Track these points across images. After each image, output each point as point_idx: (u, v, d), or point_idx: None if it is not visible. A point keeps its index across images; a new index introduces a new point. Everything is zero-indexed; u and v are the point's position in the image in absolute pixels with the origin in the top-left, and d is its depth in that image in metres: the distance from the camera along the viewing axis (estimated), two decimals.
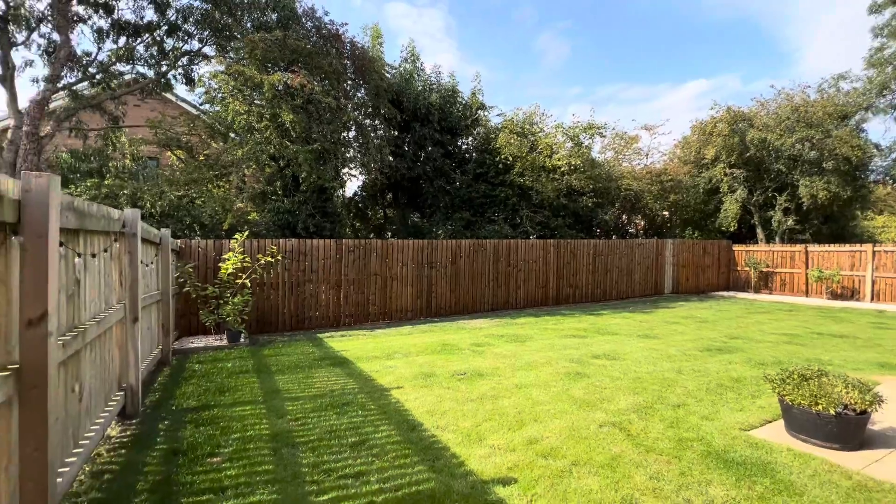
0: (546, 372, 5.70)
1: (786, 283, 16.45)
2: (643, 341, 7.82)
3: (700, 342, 7.74)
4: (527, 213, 14.24)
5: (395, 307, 10.70)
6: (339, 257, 10.02)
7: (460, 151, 15.84)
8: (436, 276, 11.27)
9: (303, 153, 10.34)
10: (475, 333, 8.83)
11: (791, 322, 10.25)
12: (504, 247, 12.36)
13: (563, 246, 13.43)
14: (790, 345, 7.54)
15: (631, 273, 15.18)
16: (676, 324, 9.93)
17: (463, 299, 11.69)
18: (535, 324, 10.06)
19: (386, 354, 6.94)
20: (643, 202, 17.74)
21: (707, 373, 5.60)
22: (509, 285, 12.47)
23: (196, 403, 4.68)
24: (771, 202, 18.63)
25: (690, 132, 19.96)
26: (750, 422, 3.92)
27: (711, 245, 17.60)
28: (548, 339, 8.14)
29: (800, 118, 16.44)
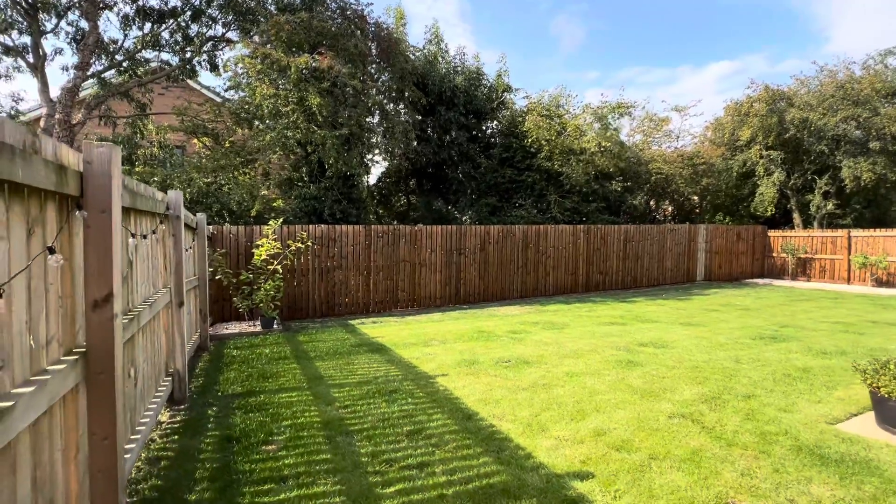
0: (595, 360, 5.46)
1: (826, 270, 15.76)
2: (687, 329, 7.50)
3: (748, 330, 7.39)
4: (555, 198, 13.87)
5: (423, 294, 10.55)
6: (367, 243, 9.89)
7: (485, 136, 15.48)
8: (464, 263, 11.07)
9: (330, 138, 10.16)
10: (509, 320, 8.62)
11: (839, 311, 9.75)
12: (533, 233, 12.06)
13: (592, 232, 13.05)
14: (847, 333, 7.13)
15: (662, 259, 14.72)
16: (716, 311, 9.55)
17: (492, 286, 11.47)
18: (567, 311, 9.79)
19: (423, 341, 6.79)
20: (673, 186, 17.14)
21: (768, 362, 5.29)
22: (538, 272, 12.19)
23: (241, 389, 4.59)
24: (809, 186, 17.79)
25: (724, 113, 19.13)
26: (834, 415, 3.64)
27: (746, 231, 16.95)
28: (585, 326, 7.89)
29: (845, 95, 15.55)
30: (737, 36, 48.15)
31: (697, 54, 51.58)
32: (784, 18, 45.95)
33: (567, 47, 57.42)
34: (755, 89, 17.57)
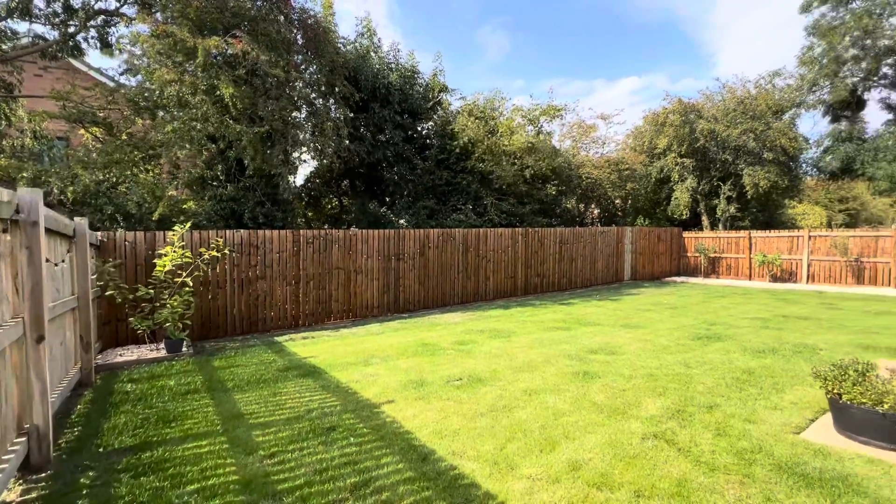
0: (550, 373, 5.15)
1: (731, 268, 17.32)
2: (630, 332, 7.55)
3: (684, 330, 7.61)
4: (492, 200, 13.74)
5: (360, 303, 9.78)
6: (296, 250, 8.92)
7: (422, 136, 14.99)
8: (403, 269, 10.46)
9: (247, 134, 9.02)
10: (452, 329, 8.17)
11: (752, 306, 10.56)
12: (473, 236, 11.77)
13: (531, 235, 13.09)
14: (768, 329, 7.60)
15: (594, 261, 15.21)
16: (649, 311, 9.88)
17: (432, 292, 10.98)
18: (510, 316, 9.58)
19: (362, 360, 6.09)
20: (601, 190, 17.90)
21: (714, 365, 5.33)
22: (479, 276, 11.92)
23: (132, 441, 3.62)
24: (716, 191, 19.55)
25: (643, 122, 20.44)
26: (795, 422, 3.59)
27: (665, 232, 18.15)
28: (532, 333, 7.66)
29: (744, 110, 17.24)
30: (643, 55, 52.76)
31: (610, 69, 55.70)
32: (680, 42, 51.22)
33: (493, 56, 59.08)
34: (670, 101, 18.96)
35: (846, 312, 9.46)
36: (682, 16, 49.70)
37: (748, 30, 48.81)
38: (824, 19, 18.04)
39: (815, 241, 15.28)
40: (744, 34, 49.25)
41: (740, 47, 52.63)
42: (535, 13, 47.23)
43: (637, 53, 52.96)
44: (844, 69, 17.64)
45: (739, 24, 49.66)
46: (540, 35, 50.11)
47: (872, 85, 17.69)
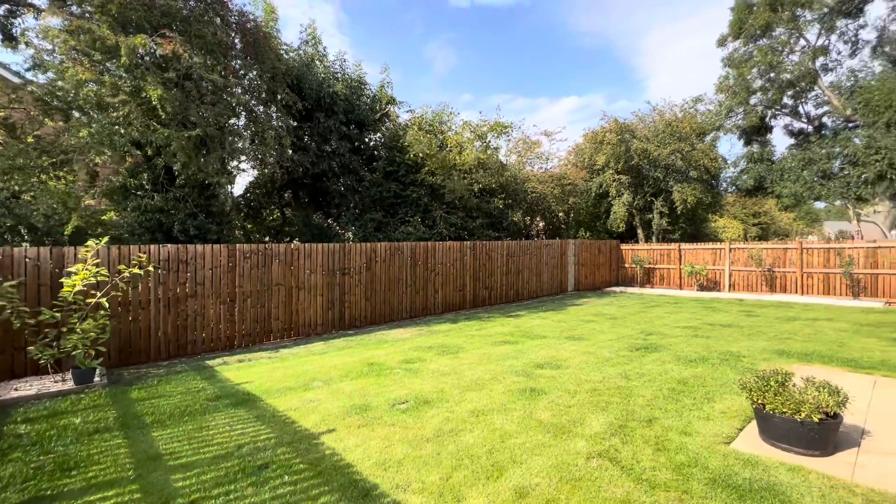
0: (497, 391, 5.11)
1: (664, 278, 18.48)
2: (574, 344, 7.74)
3: (624, 341, 7.92)
4: (441, 213, 13.75)
5: (302, 321, 9.31)
6: (231, 266, 8.34)
7: (369, 148, 14.76)
8: (349, 284, 10.12)
9: (177, 139, 8.37)
10: (400, 347, 7.97)
11: (683, 315, 11.27)
12: (422, 249, 11.67)
13: (478, 247, 13.20)
14: (698, 338, 8.09)
15: (540, 273, 15.62)
16: (592, 322, 10.23)
17: (379, 308, 10.71)
18: (459, 331, 9.53)
19: (302, 384, 5.74)
20: (545, 204, 18.52)
21: (651, 377, 5.55)
22: (427, 290, 11.81)
23: (18, 498, 3.10)
24: (649, 206, 20.88)
25: (583, 140, 21.49)
26: (725, 432, 3.77)
27: (605, 245, 19.06)
28: (480, 348, 7.64)
29: (672, 132, 18.63)
30: (582, 77, 56.06)
31: (552, 88, 58.68)
32: (616, 66, 55.13)
33: (441, 70, 60.29)
34: (607, 121, 20.10)
35: (762, 319, 10.33)
36: (617, 41, 53.47)
37: (675, 58, 53.48)
38: (737, 52, 20.03)
39: (734, 253, 16.68)
40: (671, 62, 53.80)
41: (668, 74, 57.51)
42: (480, 32, 48.85)
43: (577, 75, 56.32)
44: (754, 98, 19.63)
45: (667, 52, 54.34)
46: (485, 53, 51.89)
47: (777, 113, 19.80)
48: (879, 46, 17.85)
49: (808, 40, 18.48)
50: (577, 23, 52.63)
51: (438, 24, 49.68)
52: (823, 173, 17.41)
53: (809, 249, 15.13)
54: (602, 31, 53.35)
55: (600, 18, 51.48)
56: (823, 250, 14.86)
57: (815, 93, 18.94)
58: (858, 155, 16.32)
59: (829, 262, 14.69)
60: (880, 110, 15.98)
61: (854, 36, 18.42)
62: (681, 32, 50.94)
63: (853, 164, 16.70)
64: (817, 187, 17.42)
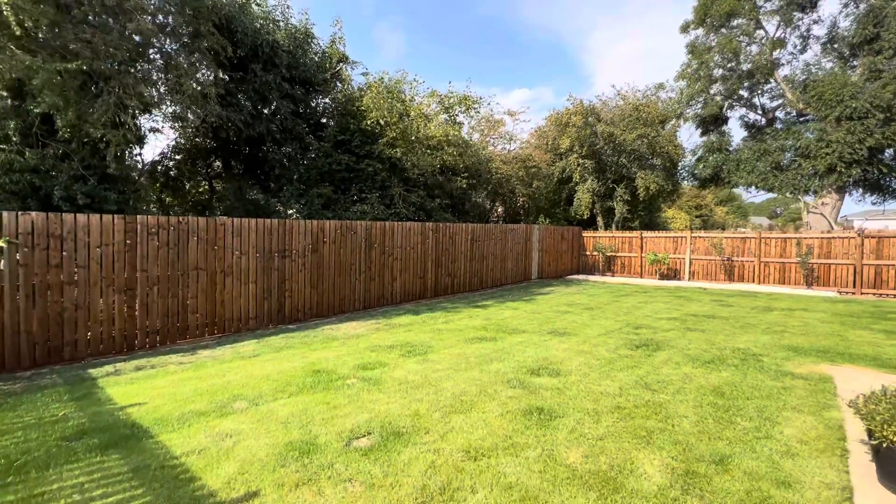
0: (494, 413, 3.81)
1: (625, 266, 18.12)
2: (561, 341, 6.63)
3: (615, 336, 6.93)
4: (399, 191, 12.19)
5: (230, 314, 7.50)
6: (130, 244, 6.38)
7: (317, 113, 12.81)
8: (291, 269, 8.39)
9: (45, 71, 6.17)
10: (354, 346, 6.47)
11: (658, 304, 10.60)
12: (378, 230, 10.10)
13: (441, 230, 11.82)
14: (691, 331, 7.28)
15: (505, 260, 14.55)
16: (568, 313, 9.25)
17: (328, 297, 9.07)
18: (423, 324, 8.16)
19: (219, 404, 4.12)
20: (509, 187, 17.45)
21: (677, 386, 4.49)
22: (384, 277, 10.29)
23: None
24: (610, 193, 20.46)
25: (546, 122, 20.60)
26: (831, 478, 2.70)
27: (567, 231, 18.37)
28: (453, 346, 6.32)
29: (639, 116, 18.14)
30: (532, 70, 56.06)
31: (505, 80, 58.12)
32: (564, 61, 55.56)
33: (390, 55, 58.11)
34: (573, 102, 19.29)
35: (739, 309, 9.84)
36: (566, 38, 53.90)
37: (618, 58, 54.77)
38: (699, 40, 19.88)
39: (696, 242, 16.56)
40: (615, 61, 54.99)
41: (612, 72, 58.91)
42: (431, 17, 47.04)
43: (528, 67, 56.26)
44: (714, 87, 19.63)
45: (611, 52, 55.61)
46: (437, 39, 50.35)
47: (734, 104, 19.95)
48: (829, 43, 18.29)
49: (767, 31, 18.57)
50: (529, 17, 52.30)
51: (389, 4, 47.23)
52: (777, 165, 17.67)
53: (767, 239, 15.22)
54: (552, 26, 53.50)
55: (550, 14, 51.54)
56: (781, 240, 14.98)
57: (770, 85, 19.21)
58: (811, 148, 16.63)
59: (786, 251, 14.83)
60: (832, 104, 16.32)
61: (806, 31, 18.79)
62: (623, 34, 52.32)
63: (805, 156, 17.03)
64: (770, 178, 17.68)
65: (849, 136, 15.87)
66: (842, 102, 16.12)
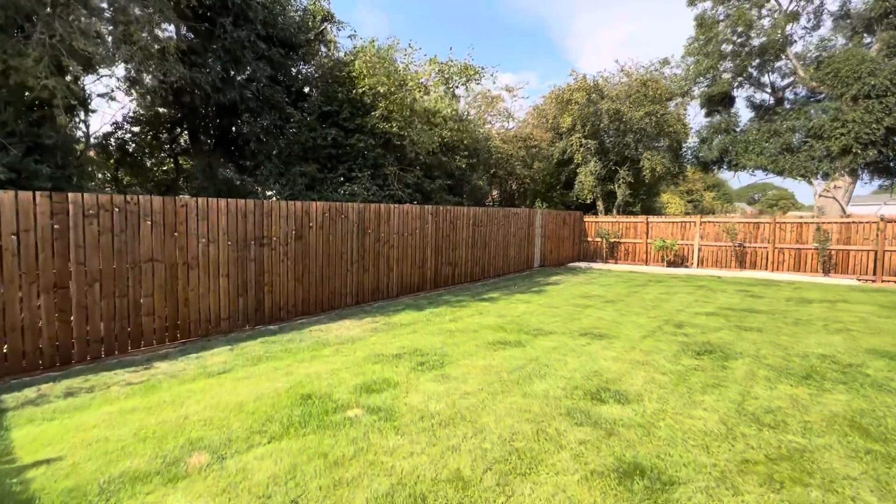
0: (571, 474, 2.64)
1: (629, 253, 17.18)
2: (601, 346, 5.52)
3: (663, 339, 5.86)
4: (395, 170, 10.83)
5: (196, 315, 6.16)
6: (60, 229, 4.96)
7: (298, 80, 11.27)
8: (271, 259, 7.05)
9: None
10: (350, 354, 5.24)
11: (682, 296, 9.62)
12: (373, 214, 8.78)
13: (441, 214, 10.55)
14: (748, 332, 6.27)
15: (507, 247, 13.39)
16: (588, 307, 8.17)
17: (315, 292, 7.76)
18: (428, 323, 6.97)
19: (166, 461, 2.85)
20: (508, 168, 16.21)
21: (797, 418, 3.41)
22: (379, 267, 9.01)
23: None
24: (611, 176, 19.38)
25: (546, 99, 19.32)
26: None
27: (569, 216, 17.29)
28: (473, 354, 5.14)
29: (647, 93, 17.00)
30: (518, 55, 54.63)
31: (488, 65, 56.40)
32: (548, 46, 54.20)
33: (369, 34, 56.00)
34: (576, 78, 18.01)
35: (774, 301, 8.92)
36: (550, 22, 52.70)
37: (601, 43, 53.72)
38: (707, 13, 18.74)
39: (705, 227, 15.67)
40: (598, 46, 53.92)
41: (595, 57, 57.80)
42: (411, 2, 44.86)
43: (512, 52, 54.69)
44: (723, 64, 18.59)
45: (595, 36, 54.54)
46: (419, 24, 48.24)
47: (743, 82, 18.98)
48: (842, 17, 17.37)
49: (780, 3, 17.53)
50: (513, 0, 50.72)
51: None
52: (787, 146, 16.83)
53: (783, 224, 14.40)
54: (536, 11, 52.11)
55: None
56: (797, 225, 14.18)
57: (780, 63, 18.26)
58: (825, 128, 15.79)
59: (802, 237, 14.05)
60: (849, 82, 15.46)
61: (820, 4, 17.83)
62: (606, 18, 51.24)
63: (818, 137, 16.21)
64: (781, 160, 16.85)
65: (866, 115, 15.06)
66: (860, 79, 15.26)
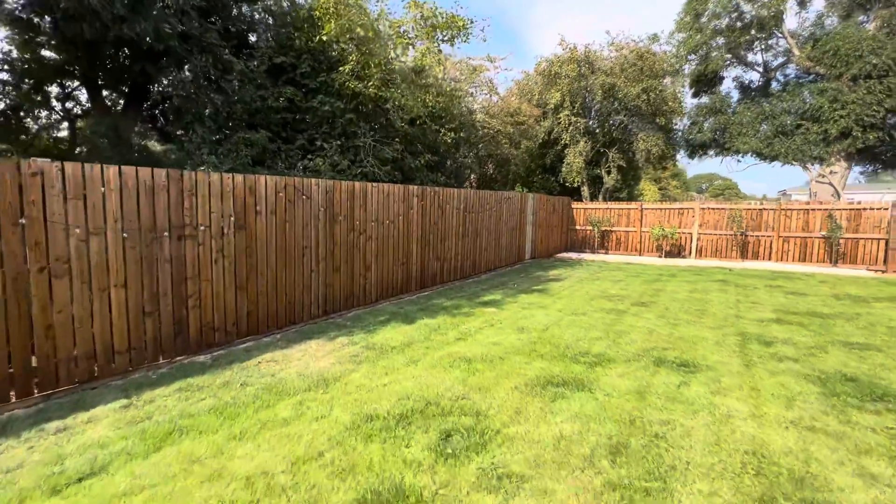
0: None
1: (621, 242, 15.85)
2: (705, 387, 3.77)
3: (767, 365, 4.22)
4: (370, 142, 8.63)
5: (66, 351, 3.86)
6: None
7: (242, 21, 8.74)
8: (197, 259, 4.79)
9: None
10: (326, 419, 3.20)
11: (717, 294, 8.16)
12: (345, 195, 6.62)
13: (429, 196, 8.51)
14: (867, 350, 4.73)
15: (499, 236, 11.56)
16: (621, 312, 6.49)
17: (266, 302, 5.56)
18: (426, 343, 5.00)
19: None
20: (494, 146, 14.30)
21: None
22: (354, 265, 6.89)
23: None
24: (597, 159, 17.94)
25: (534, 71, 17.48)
26: None
27: (558, 202, 15.69)
28: (521, 410, 3.25)
29: (643, 67, 15.52)
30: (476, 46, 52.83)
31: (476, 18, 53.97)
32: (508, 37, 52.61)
33: None
34: (566, 48, 16.25)
35: (827, 300, 7.59)
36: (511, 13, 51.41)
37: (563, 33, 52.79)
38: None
39: (704, 215, 14.51)
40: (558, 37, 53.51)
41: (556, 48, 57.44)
42: None
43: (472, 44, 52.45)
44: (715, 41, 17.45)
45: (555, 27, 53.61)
46: None
47: (733, 62, 17.96)
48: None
49: None
50: None
51: None
52: (782, 129, 15.94)
53: (788, 212, 13.41)
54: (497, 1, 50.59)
55: None
56: (803, 212, 13.22)
57: (772, 41, 17.33)
58: (824, 110, 14.94)
59: (809, 225, 13.12)
60: (850, 61, 14.63)
61: None
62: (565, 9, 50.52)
63: (814, 120, 15.36)
64: (776, 144, 15.95)
65: (868, 95, 14.29)
66: (861, 58, 14.45)
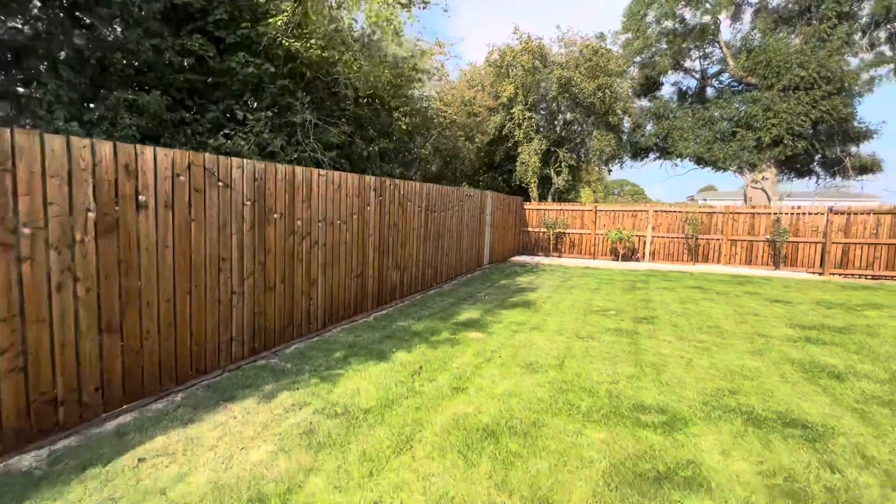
0: None
1: (575, 245, 15.22)
2: (872, 478, 2.58)
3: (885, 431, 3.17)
4: (311, 118, 6.69)
5: None
6: None
7: None
8: (13, 280, 2.69)
9: None
10: None
11: (707, 304, 7.42)
12: (283, 183, 4.71)
13: (388, 191, 6.79)
14: None
15: (461, 239, 10.11)
16: (632, 334, 5.36)
17: (157, 345, 3.53)
18: (412, 398, 3.39)
19: None
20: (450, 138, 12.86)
21: None
22: (294, 280, 4.99)
23: None
24: (547, 158, 17.26)
25: (485, 61, 16.30)
26: None
27: (513, 202, 14.65)
28: None
29: (598, 63, 14.99)
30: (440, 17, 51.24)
31: None
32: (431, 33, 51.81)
33: None
34: (520, 38, 15.26)
35: (818, 308, 7.15)
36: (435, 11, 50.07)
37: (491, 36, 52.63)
38: None
39: (657, 217, 14.31)
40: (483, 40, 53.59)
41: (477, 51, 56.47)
42: None
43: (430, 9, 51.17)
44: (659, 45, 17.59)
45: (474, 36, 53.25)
46: None
47: (675, 67, 18.28)
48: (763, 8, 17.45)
49: None
50: None
51: None
52: (721, 135, 16.38)
53: (735, 215, 13.57)
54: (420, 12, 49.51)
55: None
56: (749, 216, 13.43)
57: (710, 49, 17.87)
58: (758, 118, 15.51)
59: (754, 229, 13.35)
60: (780, 72, 15.31)
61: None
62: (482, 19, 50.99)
63: (748, 127, 15.93)
64: (715, 149, 16.35)
65: (797, 106, 15.02)
66: (790, 70, 15.17)
